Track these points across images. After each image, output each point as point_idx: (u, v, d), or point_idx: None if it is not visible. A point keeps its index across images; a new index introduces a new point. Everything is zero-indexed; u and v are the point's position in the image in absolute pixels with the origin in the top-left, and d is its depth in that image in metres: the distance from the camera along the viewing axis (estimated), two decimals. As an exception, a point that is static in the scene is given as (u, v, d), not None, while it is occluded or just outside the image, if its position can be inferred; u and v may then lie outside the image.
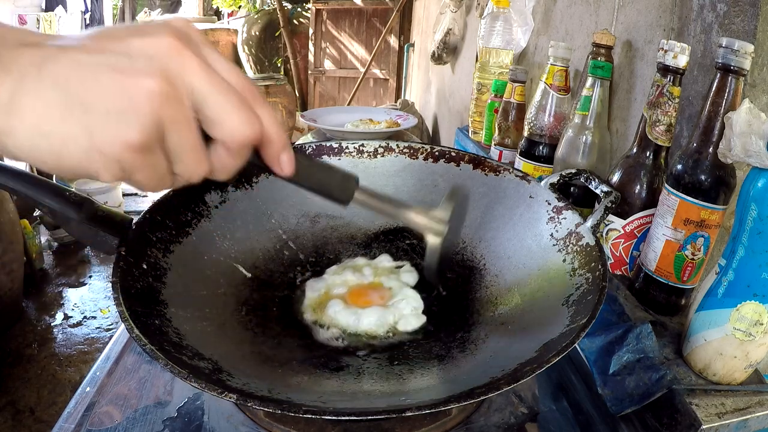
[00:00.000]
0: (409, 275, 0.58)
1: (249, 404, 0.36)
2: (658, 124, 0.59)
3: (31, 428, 1.66)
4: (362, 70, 4.34)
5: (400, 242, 0.63)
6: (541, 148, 0.87)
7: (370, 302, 0.53)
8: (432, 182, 0.62)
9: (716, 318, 0.47)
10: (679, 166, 0.54)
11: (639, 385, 0.49)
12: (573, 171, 0.56)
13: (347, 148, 0.64)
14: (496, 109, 1.11)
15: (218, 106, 0.30)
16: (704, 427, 0.45)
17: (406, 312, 0.52)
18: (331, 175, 0.41)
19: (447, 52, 2.16)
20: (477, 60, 1.33)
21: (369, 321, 0.51)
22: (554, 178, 0.56)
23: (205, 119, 0.31)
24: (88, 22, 7.28)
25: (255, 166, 0.36)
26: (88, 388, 0.56)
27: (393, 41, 4.54)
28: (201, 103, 0.30)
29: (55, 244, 2.73)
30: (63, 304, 2.33)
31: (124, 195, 3.22)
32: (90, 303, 2.34)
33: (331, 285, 0.56)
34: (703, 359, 0.49)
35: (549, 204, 0.55)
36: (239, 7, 6.22)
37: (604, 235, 0.65)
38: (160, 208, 0.52)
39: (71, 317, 2.23)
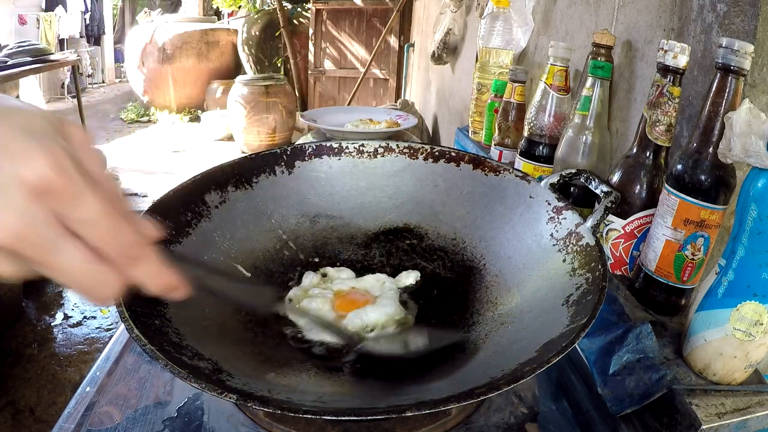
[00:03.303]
0: (408, 276, 0.59)
1: (249, 404, 0.35)
2: (658, 124, 0.59)
3: (31, 428, 1.66)
4: (362, 70, 4.35)
5: (400, 242, 0.63)
6: (541, 148, 0.87)
7: (357, 304, 0.54)
8: (432, 182, 0.62)
9: (716, 318, 0.47)
10: (679, 166, 0.54)
11: (639, 385, 0.49)
12: (573, 171, 0.56)
13: (347, 148, 0.64)
14: (496, 109, 1.11)
15: (63, 278, 0.29)
16: (704, 427, 0.45)
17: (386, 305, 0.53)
18: (244, 289, 0.41)
19: (447, 52, 2.16)
20: (477, 60, 1.33)
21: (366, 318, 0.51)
22: (554, 178, 0.56)
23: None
24: (87, 22, 7.28)
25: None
26: (88, 388, 0.56)
27: (393, 41, 4.54)
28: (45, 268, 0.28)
29: (55, 244, 2.72)
30: (63, 304, 2.33)
31: (124, 195, 3.21)
32: (90, 303, 2.34)
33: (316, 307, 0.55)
34: (703, 359, 0.49)
35: (549, 204, 0.55)
36: (239, 7, 6.22)
37: (604, 235, 0.65)
38: (160, 208, 0.52)
39: (71, 317, 2.23)
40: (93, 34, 7.58)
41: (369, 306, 0.53)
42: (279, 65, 5.19)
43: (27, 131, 0.27)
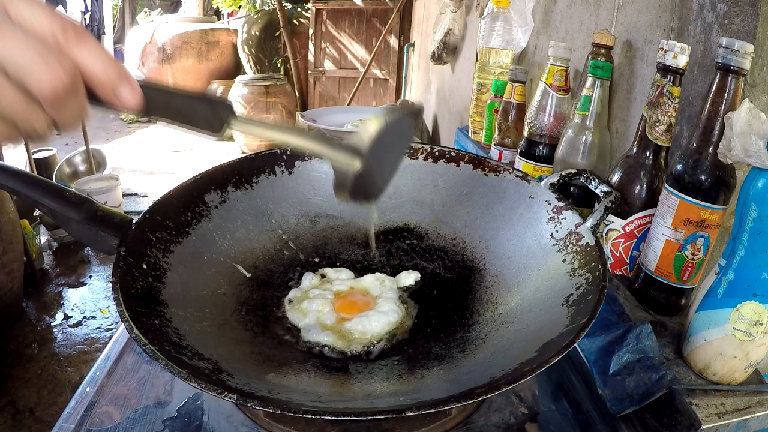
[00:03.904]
0: (408, 277, 0.59)
1: (249, 404, 0.36)
2: (658, 124, 0.59)
3: (31, 428, 1.66)
4: (362, 70, 4.35)
5: (400, 242, 0.63)
6: (541, 148, 0.87)
7: (358, 306, 0.54)
8: (432, 182, 0.62)
9: (716, 318, 0.47)
10: (679, 166, 0.54)
11: (639, 385, 0.49)
12: (573, 171, 0.56)
13: (347, 148, 0.64)
14: (496, 109, 1.11)
15: (15, 65, 0.28)
16: (704, 427, 0.45)
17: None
18: (197, 104, 0.38)
19: (447, 52, 2.16)
20: (477, 60, 1.33)
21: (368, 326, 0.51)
22: (554, 178, 0.56)
23: (13, 80, 0.29)
24: (87, 22, 7.28)
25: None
26: (88, 388, 0.56)
27: (393, 41, 4.54)
28: (2, 66, 0.28)
29: (55, 244, 2.73)
30: (63, 304, 2.33)
31: (124, 195, 3.21)
32: (90, 303, 2.34)
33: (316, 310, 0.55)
34: (703, 359, 0.49)
35: (549, 204, 0.55)
36: (239, 7, 6.22)
37: (604, 235, 0.65)
38: (160, 208, 0.52)
39: (71, 317, 2.23)
40: (93, 34, 7.57)
41: (371, 312, 0.52)
42: (279, 65, 5.19)
43: None
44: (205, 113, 0.38)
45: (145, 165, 4.15)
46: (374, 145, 0.41)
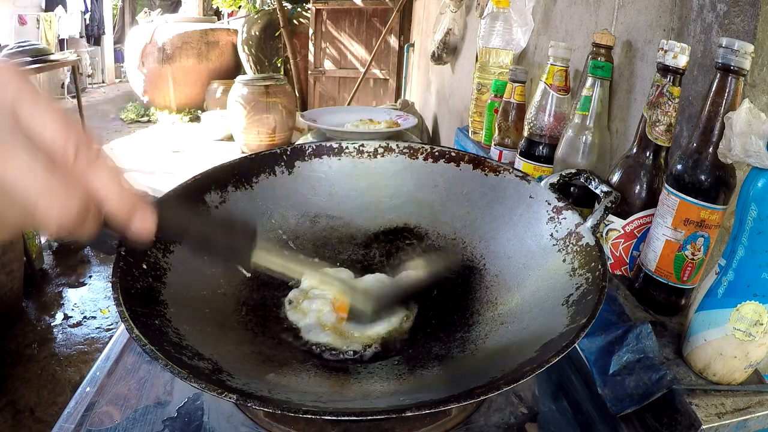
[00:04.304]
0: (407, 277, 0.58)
1: (249, 404, 0.36)
2: (658, 124, 0.59)
3: (31, 428, 1.66)
4: (362, 70, 4.34)
5: (400, 242, 0.63)
6: (541, 148, 0.87)
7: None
8: (432, 182, 0.62)
9: (716, 318, 0.47)
10: (679, 166, 0.54)
11: (639, 385, 0.49)
12: (573, 171, 0.56)
13: (347, 148, 0.64)
14: (496, 109, 1.11)
15: (21, 193, 0.26)
16: (704, 427, 0.45)
17: None
18: (217, 230, 0.37)
19: (447, 52, 2.16)
20: (477, 60, 1.33)
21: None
22: (554, 178, 0.56)
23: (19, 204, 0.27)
24: (87, 22, 7.28)
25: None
26: (88, 388, 0.56)
27: (393, 41, 4.54)
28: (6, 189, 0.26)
29: (55, 244, 2.73)
30: (63, 304, 2.33)
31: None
32: (90, 303, 2.34)
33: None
34: (703, 359, 0.49)
35: (549, 204, 0.55)
36: (239, 7, 6.22)
37: (604, 235, 0.65)
38: (160, 208, 0.52)
39: (71, 317, 2.23)
40: (93, 34, 7.57)
41: None
42: (279, 65, 5.19)
43: None
44: (225, 243, 0.37)
45: (145, 165, 4.15)
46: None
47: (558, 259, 0.50)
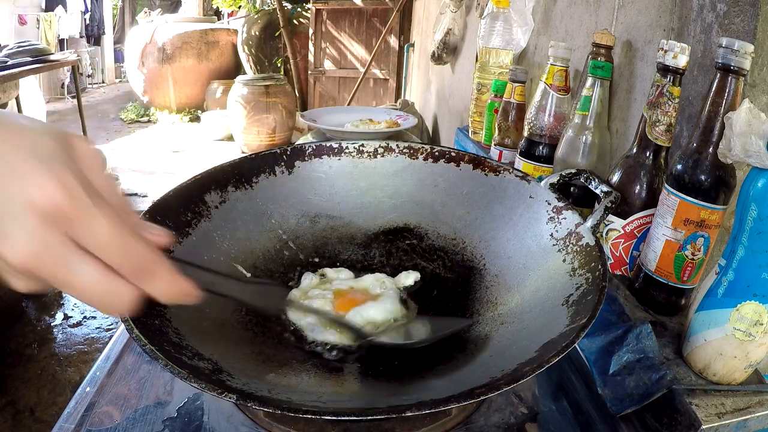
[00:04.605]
0: (408, 277, 0.58)
1: (249, 404, 0.36)
2: (658, 124, 0.59)
3: (31, 428, 1.66)
4: (362, 70, 4.34)
5: (400, 242, 0.62)
6: (541, 148, 0.87)
7: (357, 303, 0.54)
8: (432, 182, 0.62)
9: (716, 318, 0.47)
10: (679, 166, 0.54)
11: (639, 385, 0.49)
12: (573, 171, 0.56)
13: (347, 148, 0.64)
14: (496, 109, 1.11)
15: (79, 294, 0.29)
16: (704, 427, 0.45)
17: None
18: (251, 289, 0.42)
19: (447, 52, 2.16)
20: (477, 60, 1.33)
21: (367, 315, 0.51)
22: (554, 178, 0.56)
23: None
24: (87, 22, 7.29)
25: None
26: (88, 388, 0.56)
27: (393, 41, 4.54)
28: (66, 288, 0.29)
29: (55, 244, 2.72)
30: (63, 304, 2.33)
31: (124, 195, 3.21)
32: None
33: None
34: (703, 359, 0.49)
35: (549, 204, 0.55)
36: (239, 7, 6.22)
37: (604, 235, 0.65)
38: (160, 208, 0.52)
39: (71, 317, 2.23)
40: (93, 34, 7.58)
41: (369, 302, 0.53)
42: (279, 65, 5.19)
43: (35, 153, 0.28)
44: (261, 298, 0.43)
45: (145, 165, 4.15)
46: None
47: (558, 259, 0.50)
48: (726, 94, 0.50)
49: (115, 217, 0.29)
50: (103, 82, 7.69)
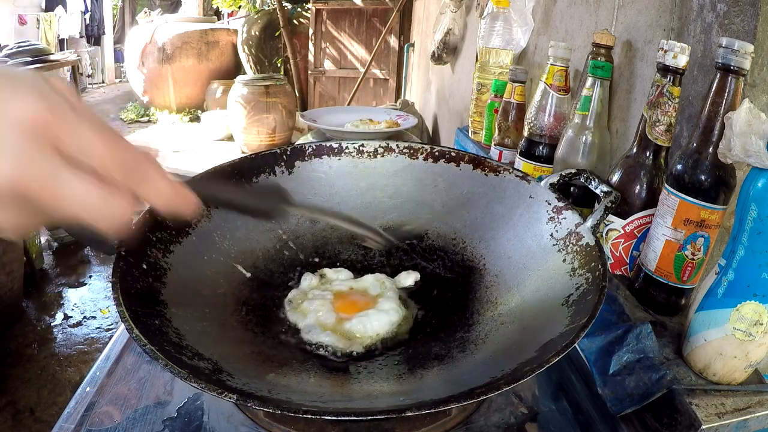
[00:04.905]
0: (408, 277, 0.58)
1: (249, 404, 0.36)
2: (658, 124, 0.59)
3: (31, 428, 1.66)
4: (362, 70, 4.34)
5: (400, 242, 0.63)
6: (541, 148, 0.87)
7: (358, 305, 0.54)
8: (432, 182, 0.62)
9: (716, 318, 0.47)
10: (679, 166, 0.54)
11: (639, 385, 0.49)
12: (573, 171, 0.56)
13: (347, 148, 0.64)
14: (496, 109, 1.11)
15: (81, 217, 0.29)
16: (704, 427, 0.45)
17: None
18: (252, 197, 0.41)
19: (447, 52, 2.16)
20: (477, 60, 1.33)
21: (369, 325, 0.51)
22: (554, 178, 0.56)
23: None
24: (87, 22, 7.28)
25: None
26: (88, 388, 0.56)
27: (393, 41, 4.54)
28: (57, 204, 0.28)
29: (55, 244, 2.73)
30: (63, 304, 2.33)
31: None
32: (90, 303, 2.34)
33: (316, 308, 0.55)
34: (703, 359, 0.49)
35: (549, 204, 0.55)
36: (239, 7, 6.22)
37: (604, 235, 0.65)
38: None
39: (71, 317, 2.23)
40: (93, 34, 7.58)
41: (371, 311, 0.52)
42: (279, 65, 5.19)
43: (14, 78, 0.28)
44: (260, 205, 0.42)
45: (145, 165, 4.14)
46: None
47: (558, 259, 0.50)
48: (726, 94, 0.50)
49: (100, 123, 0.29)
50: (103, 82, 7.69)
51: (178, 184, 0.33)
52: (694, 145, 0.53)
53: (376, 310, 0.52)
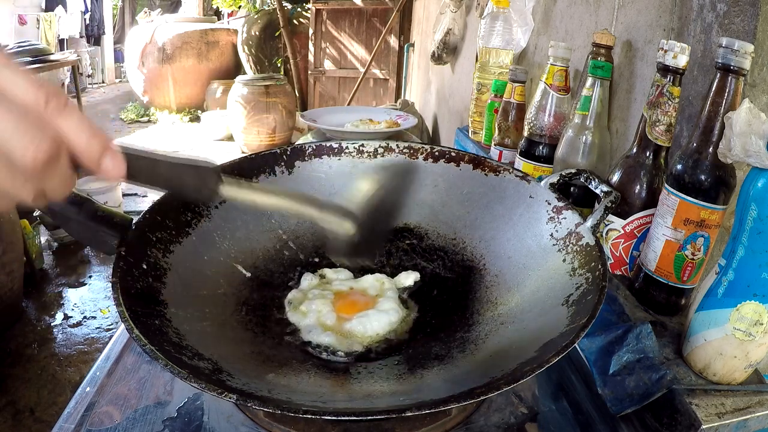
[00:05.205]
0: (407, 278, 0.58)
1: (249, 404, 0.36)
2: (658, 124, 0.59)
3: (31, 428, 1.66)
4: (362, 70, 4.34)
5: (400, 242, 0.63)
6: (541, 148, 0.87)
7: (358, 305, 0.54)
8: (432, 182, 0.62)
9: (716, 318, 0.47)
10: (679, 166, 0.54)
11: (639, 385, 0.49)
12: (573, 171, 0.56)
13: (347, 148, 0.64)
14: (496, 109, 1.11)
15: None
16: (704, 427, 0.45)
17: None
18: (182, 171, 0.37)
19: (447, 52, 2.16)
20: (477, 60, 1.33)
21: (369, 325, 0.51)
22: (554, 178, 0.56)
23: None
24: (87, 22, 7.28)
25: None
26: (88, 388, 0.56)
27: (393, 41, 4.54)
28: None
29: (55, 244, 2.73)
30: (63, 304, 2.33)
31: (124, 195, 3.22)
32: (90, 303, 2.34)
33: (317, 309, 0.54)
34: (703, 359, 0.49)
35: (549, 204, 0.55)
36: (239, 7, 6.22)
37: (604, 235, 0.65)
38: (160, 208, 0.52)
39: (71, 317, 2.23)
40: (93, 34, 7.58)
41: (371, 311, 0.52)
42: (279, 65, 5.19)
43: None
44: (192, 181, 0.37)
45: (145, 165, 4.14)
46: (368, 205, 0.41)
47: (558, 259, 0.50)
48: (726, 94, 0.50)
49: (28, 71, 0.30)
50: (103, 82, 7.68)
51: (102, 133, 0.32)
52: (694, 145, 0.53)
53: (376, 310, 0.53)
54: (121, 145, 0.34)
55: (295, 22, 4.95)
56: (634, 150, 0.62)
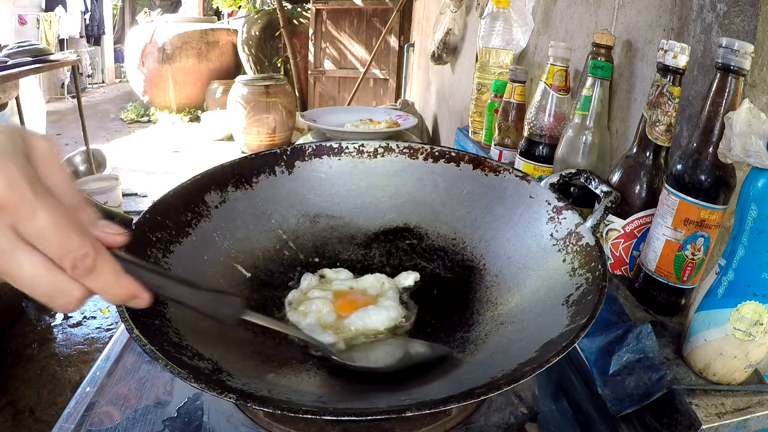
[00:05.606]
0: (407, 278, 0.58)
1: (249, 404, 0.36)
2: (658, 124, 0.59)
3: (31, 428, 1.66)
4: (362, 70, 4.35)
5: (400, 242, 0.63)
6: (541, 148, 0.87)
7: (358, 305, 0.53)
8: (432, 182, 0.62)
9: (716, 318, 0.47)
10: (679, 166, 0.54)
11: (639, 385, 0.49)
12: (573, 171, 0.56)
13: (347, 148, 0.64)
14: (496, 109, 1.11)
15: (23, 287, 0.30)
16: (704, 427, 0.45)
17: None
18: (207, 298, 0.40)
19: (447, 52, 2.16)
20: (477, 60, 1.33)
21: (369, 320, 0.51)
22: (554, 178, 0.56)
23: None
24: (87, 22, 7.29)
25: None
26: (88, 388, 0.56)
27: (393, 41, 4.54)
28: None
29: (55, 244, 2.72)
30: (63, 304, 2.33)
31: (124, 195, 3.22)
32: (90, 303, 2.34)
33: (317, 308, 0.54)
34: (703, 359, 0.49)
35: (549, 204, 0.55)
36: (239, 7, 6.22)
37: (604, 235, 0.65)
38: (160, 208, 0.52)
39: (71, 317, 2.23)
40: (93, 34, 7.58)
41: (371, 307, 0.52)
42: (279, 65, 5.19)
43: None
44: (216, 307, 0.40)
45: (145, 165, 4.15)
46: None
47: (558, 259, 0.50)
48: (726, 94, 0.50)
49: (59, 211, 0.30)
50: (103, 82, 7.69)
51: (127, 278, 0.34)
52: (694, 145, 0.53)
53: (375, 306, 0.53)
54: (150, 285, 0.36)
55: (295, 22, 4.95)
56: (634, 150, 0.62)
